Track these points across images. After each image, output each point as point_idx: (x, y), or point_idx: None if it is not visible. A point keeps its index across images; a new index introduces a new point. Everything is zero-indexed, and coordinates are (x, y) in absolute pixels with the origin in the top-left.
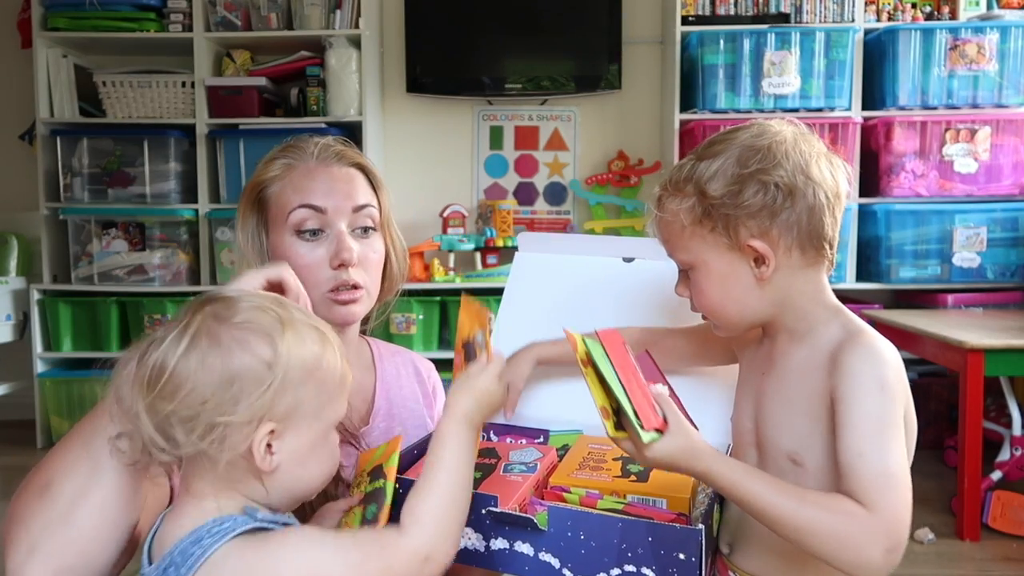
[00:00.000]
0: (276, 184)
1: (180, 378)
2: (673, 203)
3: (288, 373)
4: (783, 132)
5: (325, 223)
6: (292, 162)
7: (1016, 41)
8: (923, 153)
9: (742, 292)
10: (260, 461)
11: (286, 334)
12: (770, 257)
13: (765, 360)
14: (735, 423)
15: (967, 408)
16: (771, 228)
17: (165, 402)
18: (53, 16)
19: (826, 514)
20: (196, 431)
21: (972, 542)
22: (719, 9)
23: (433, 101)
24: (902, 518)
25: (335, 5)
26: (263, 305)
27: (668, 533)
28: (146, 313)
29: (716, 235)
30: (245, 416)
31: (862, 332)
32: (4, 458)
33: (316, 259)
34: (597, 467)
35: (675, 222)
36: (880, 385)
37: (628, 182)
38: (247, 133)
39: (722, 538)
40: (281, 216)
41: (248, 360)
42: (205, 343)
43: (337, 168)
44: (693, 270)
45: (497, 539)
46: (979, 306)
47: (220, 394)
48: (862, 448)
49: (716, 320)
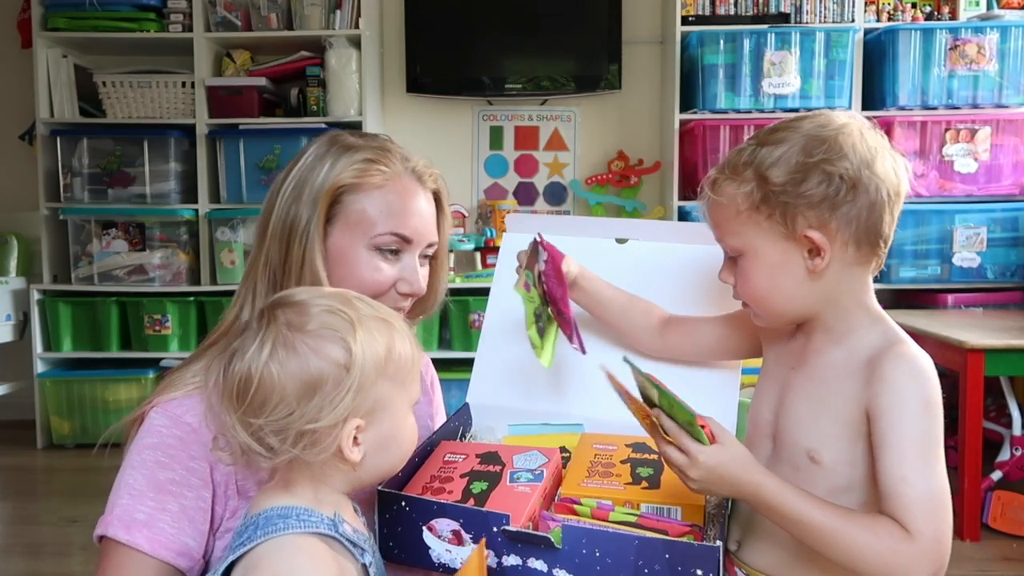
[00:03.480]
0: (365, 193)
1: (266, 391)
2: (730, 187)
3: (365, 372)
4: (850, 124)
5: (404, 249)
6: (385, 172)
7: (1016, 41)
8: (923, 153)
9: (791, 283)
10: (349, 454)
11: (358, 334)
12: (826, 250)
13: (796, 355)
14: (752, 413)
15: (967, 408)
16: (830, 220)
17: (255, 415)
18: (53, 16)
19: (873, 539)
20: (289, 439)
21: (972, 542)
22: (719, 9)
23: (433, 101)
24: (946, 541)
25: (335, 5)
26: (333, 307)
27: (686, 550)
28: (146, 313)
29: (772, 223)
30: (331, 420)
31: (903, 343)
32: (4, 458)
33: (389, 278)
34: (606, 473)
35: (730, 206)
36: (924, 403)
37: (628, 182)
38: (247, 133)
39: (731, 535)
40: (363, 228)
41: (326, 367)
42: (283, 353)
43: (424, 193)
44: (742, 256)
45: (510, 556)
46: (979, 306)
47: (305, 403)
48: (905, 472)
49: (759, 309)
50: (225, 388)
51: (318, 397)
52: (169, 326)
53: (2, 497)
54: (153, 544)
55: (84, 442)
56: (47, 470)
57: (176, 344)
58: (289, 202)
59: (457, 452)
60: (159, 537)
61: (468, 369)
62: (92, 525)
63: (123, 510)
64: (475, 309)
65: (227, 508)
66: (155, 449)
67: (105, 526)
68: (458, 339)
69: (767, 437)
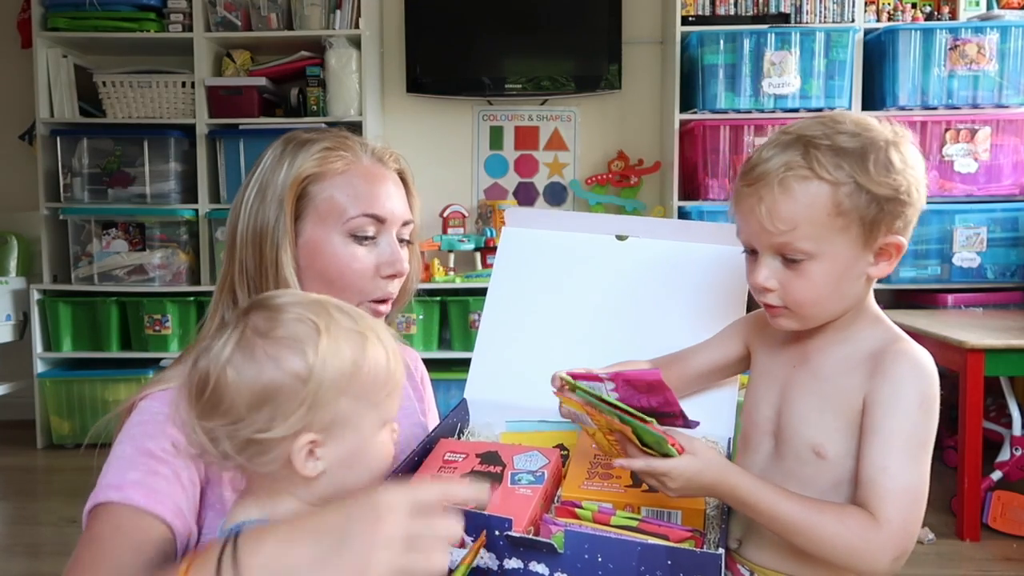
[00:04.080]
0: (330, 180)
1: (219, 394)
2: (821, 188)
3: (323, 386)
4: (907, 134)
5: (380, 232)
6: (346, 158)
7: (1016, 41)
8: (923, 153)
9: (851, 287)
10: (301, 468)
11: (320, 345)
12: (896, 256)
13: (797, 354)
14: (749, 412)
15: (967, 408)
16: (905, 229)
17: (208, 417)
18: (53, 16)
19: (842, 527)
20: (237, 445)
21: (972, 542)
22: (719, 9)
23: (433, 101)
24: (913, 531)
25: (335, 5)
26: (303, 316)
27: (688, 557)
28: (146, 313)
29: (861, 227)
30: (281, 432)
31: (905, 340)
32: (4, 458)
33: (370, 265)
34: (606, 475)
35: (819, 208)
36: (920, 401)
37: (628, 182)
38: (247, 133)
39: (731, 534)
40: (334, 215)
41: (280, 377)
42: (240, 358)
43: (389, 174)
44: (810, 259)
45: (511, 559)
46: (979, 306)
47: (255, 412)
48: (886, 463)
49: (804, 312)
50: (188, 384)
51: (269, 407)
52: (169, 326)
53: (2, 497)
54: (148, 499)
55: (84, 442)
56: (47, 470)
57: (176, 344)
58: (255, 207)
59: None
60: (153, 494)
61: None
62: None
63: (113, 476)
64: (475, 309)
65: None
66: (144, 424)
67: (95, 498)
68: (458, 339)
69: (768, 434)
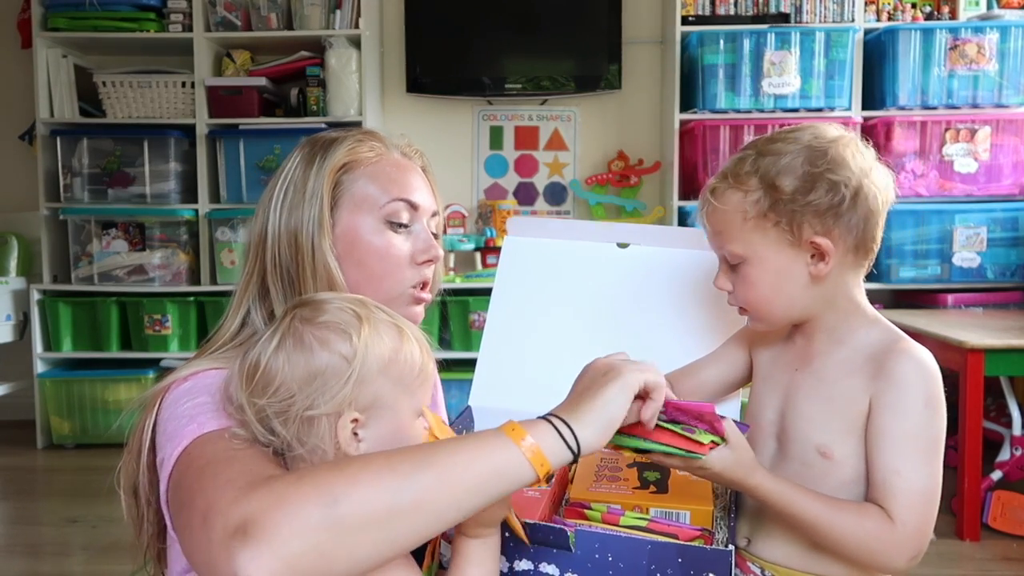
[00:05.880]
0: (363, 169)
1: (270, 375)
2: (735, 195)
3: (366, 366)
4: (844, 136)
5: (413, 219)
6: (381, 148)
7: (1016, 41)
8: (923, 153)
9: (794, 288)
10: (346, 447)
11: (363, 330)
12: (831, 255)
13: (799, 357)
14: (752, 416)
15: (967, 408)
16: (834, 227)
17: (259, 397)
18: (53, 16)
19: (858, 526)
20: (289, 424)
21: (972, 542)
22: (719, 9)
23: (433, 101)
24: (927, 531)
25: (335, 5)
26: (344, 306)
27: (698, 554)
28: (146, 313)
29: (779, 230)
30: (329, 407)
31: (906, 340)
32: (4, 458)
33: (406, 252)
34: (614, 477)
35: (735, 213)
36: (926, 400)
37: (628, 182)
38: (247, 133)
39: (739, 532)
40: (369, 202)
41: (328, 356)
42: (290, 343)
43: (416, 167)
44: (745, 263)
45: (522, 560)
46: (979, 306)
47: (305, 389)
48: (899, 466)
49: (759, 313)
50: (240, 371)
51: (317, 383)
52: (169, 326)
53: (2, 497)
54: None
55: (84, 442)
56: (47, 470)
57: (176, 344)
58: (289, 202)
59: None
60: None
61: (468, 369)
62: (92, 525)
63: (191, 420)
64: (475, 309)
65: None
66: (193, 385)
67: (180, 443)
68: (458, 339)
69: (771, 437)
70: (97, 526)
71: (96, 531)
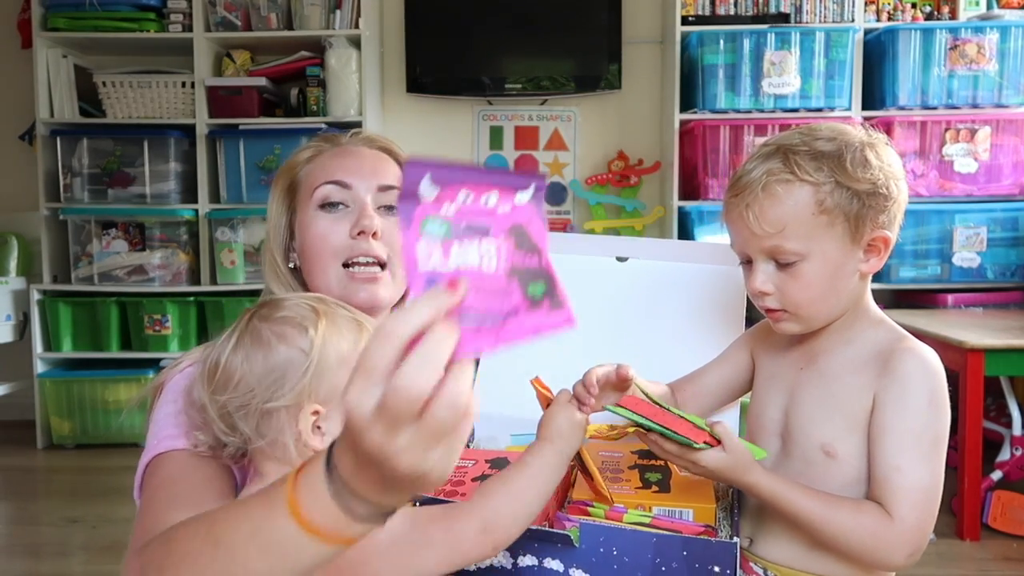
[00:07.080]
0: (306, 166)
1: (230, 372)
2: (804, 190)
3: (324, 357)
4: (882, 136)
5: (349, 198)
6: (323, 146)
7: (1016, 41)
8: (923, 153)
9: (845, 285)
10: (310, 440)
11: (320, 324)
12: (885, 252)
13: (804, 357)
14: (755, 415)
15: (967, 408)
16: (889, 223)
17: (221, 394)
18: (53, 16)
19: (856, 523)
20: (249, 417)
21: (972, 542)
22: (719, 9)
23: (433, 101)
24: (927, 528)
25: (335, 5)
26: (302, 303)
27: (703, 547)
28: (146, 313)
29: (846, 225)
30: (288, 399)
31: (911, 339)
32: (4, 458)
33: (335, 230)
34: (616, 478)
35: (803, 208)
36: (929, 398)
37: (628, 182)
38: (247, 133)
39: (742, 532)
40: (308, 194)
41: (285, 350)
42: (248, 340)
43: (366, 150)
44: (803, 260)
45: (525, 556)
46: (979, 306)
47: (264, 382)
48: (900, 462)
49: (805, 313)
50: (201, 371)
51: (275, 376)
52: (169, 326)
53: (2, 497)
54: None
55: (84, 442)
56: (47, 470)
57: (176, 344)
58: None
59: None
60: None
61: None
62: (92, 525)
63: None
64: None
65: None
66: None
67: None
68: None
69: (775, 436)
70: (97, 526)
71: (96, 531)
